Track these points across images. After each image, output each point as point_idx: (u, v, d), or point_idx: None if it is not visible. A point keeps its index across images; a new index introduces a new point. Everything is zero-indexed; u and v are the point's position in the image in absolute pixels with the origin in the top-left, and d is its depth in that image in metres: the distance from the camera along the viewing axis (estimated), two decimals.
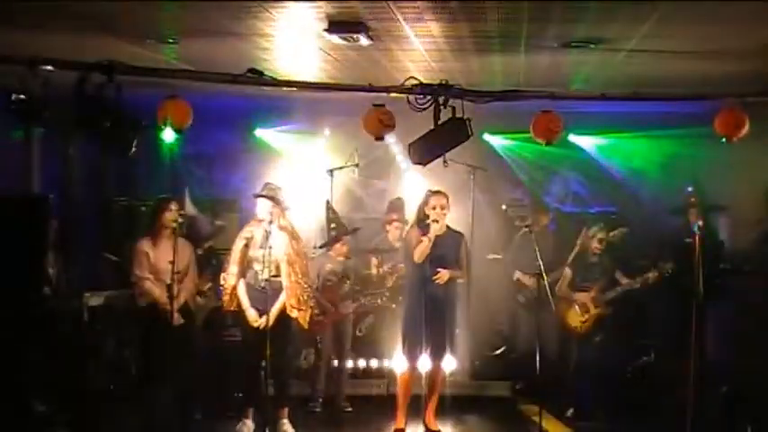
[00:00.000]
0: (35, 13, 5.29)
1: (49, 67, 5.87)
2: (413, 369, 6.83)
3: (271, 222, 6.52)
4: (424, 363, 6.83)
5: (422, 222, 6.79)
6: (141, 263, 6.62)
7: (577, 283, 7.52)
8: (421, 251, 6.63)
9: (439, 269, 6.67)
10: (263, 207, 6.59)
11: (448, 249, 6.78)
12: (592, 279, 7.49)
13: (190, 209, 7.97)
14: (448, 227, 6.82)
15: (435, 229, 6.62)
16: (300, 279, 6.64)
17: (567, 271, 7.57)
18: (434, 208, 6.71)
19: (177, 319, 6.48)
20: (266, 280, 6.45)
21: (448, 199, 6.82)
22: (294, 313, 6.58)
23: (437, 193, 6.83)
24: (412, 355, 6.78)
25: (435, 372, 6.87)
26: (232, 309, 6.71)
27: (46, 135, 7.60)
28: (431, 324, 6.71)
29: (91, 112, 5.71)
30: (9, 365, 6.12)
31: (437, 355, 6.81)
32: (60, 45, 6.06)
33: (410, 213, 7.86)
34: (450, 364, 7.91)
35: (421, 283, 6.70)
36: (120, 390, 7.57)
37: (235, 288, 6.61)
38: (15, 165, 7.36)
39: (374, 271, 8.21)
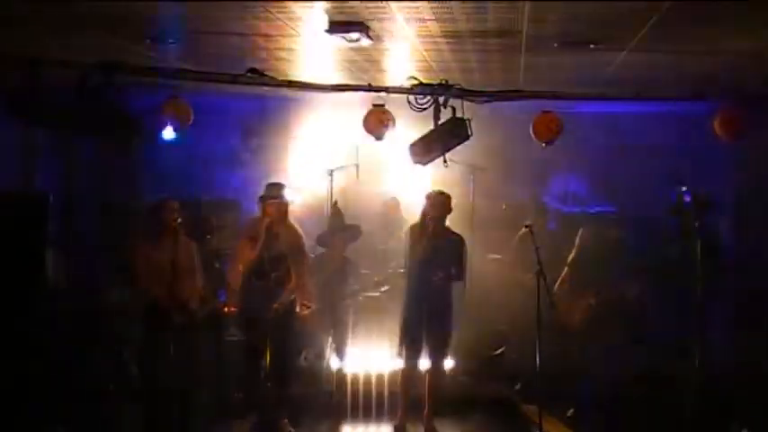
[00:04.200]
0: (35, 13, 5.28)
1: (49, 68, 5.89)
2: (413, 367, 6.85)
3: (277, 222, 6.53)
4: (425, 363, 6.86)
5: (423, 223, 6.82)
6: (143, 263, 6.62)
7: (576, 282, 7.52)
8: (421, 250, 6.65)
9: (438, 272, 6.68)
10: (269, 206, 6.59)
11: (446, 251, 6.79)
12: (591, 279, 7.49)
13: (190, 209, 7.97)
14: (449, 229, 6.84)
15: (432, 228, 6.65)
16: (305, 278, 6.67)
17: (567, 270, 7.58)
18: (433, 206, 6.74)
19: (179, 318, 6.48)
20: (273, 279, 6.46)
21: (450, 200, 6.84)
22: (298, 311, 6.60)
23: (437, 193, 6.85)
24: (411, 353, 6.80)
25: (436, 372, 6.88)
26: (236, 309, 6.72)
27: (46, 135, 7.60)
28: (430, 325, 6.75)
29: (91, 112, 5.72)
30: (9, 364, 6.12)
31: (437, 356, 6.83)
32: (60, 45, 6.06)
33: (406, 212, 7.91)
34: (448, 363, 7.95)
35: (419, 283, 6.72)
36: (120, 389, 7.58)
37: (241, 288, 6.61)
38: (15, 164, 7.35)
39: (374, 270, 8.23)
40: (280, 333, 6.48)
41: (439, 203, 6.78)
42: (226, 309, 7.36)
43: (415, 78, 6.23)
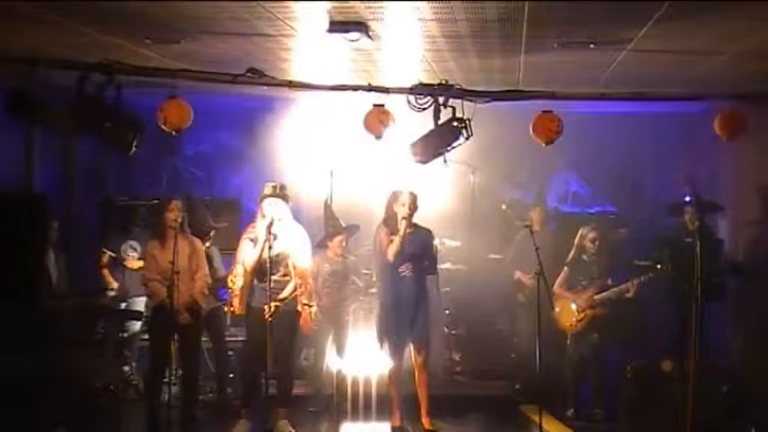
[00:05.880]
0: (35, 12, 5.28)
1: (49, 67, 5.89)
2: (398, 366, 6.86)
3: (278, 221, 6.51)
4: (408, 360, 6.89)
5: (390, 221, 6.83)
6: (150, 264, 6.64)
7: (573, 282, 7.52)
8: (393, 250, 6.69)
9: (412, 267, 6.74)
10: (270, 206, 6.57)
11: (418, 246, 6.83)
12: (588, 278, 7.49)
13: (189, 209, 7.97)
14: (415, 224, 6.86)
15: (404, 227, 6.67)
16: (306, 277, 6.66)
17: (565, 270, 7.58)
18: (403, 205, 6.76)
19: (185, 318, 6.49)
20: (275, 280, 6.45)
21: (416, 198, 6.85)
22: (302, 311, 6.60)
23: (405, 191, 6.85)
24: (396, 351, 6.83)
25: (425, 367, 6.89)
26: (240, 311, 6.71)
27: (46, 135, 7.61)
28: (410, 321, 6.78)
29: (91, 112, 5.72)
30: (9, 364, 6.13)
31: (422, 350, 6.85)
32: (60, 45, 6.06)
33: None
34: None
35: (394, 281, 6.75)
36: (120, 389, 7.58)
37: (243, 289, 6.60)
38: (15, 164, 7.36)
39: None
40: (281, 333, 6.46)
41: (411, 202, 6.79)
42: (226, 309, 7.35)
43: (415, 78, 6.22)
